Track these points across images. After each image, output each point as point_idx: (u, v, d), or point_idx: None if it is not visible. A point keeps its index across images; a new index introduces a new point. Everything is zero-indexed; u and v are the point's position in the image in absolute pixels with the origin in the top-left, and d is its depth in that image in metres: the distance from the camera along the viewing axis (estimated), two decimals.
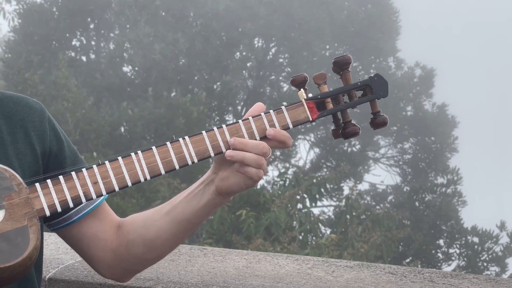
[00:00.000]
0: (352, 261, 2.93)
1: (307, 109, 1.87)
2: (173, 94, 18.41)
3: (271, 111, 1.86)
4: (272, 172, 19.88)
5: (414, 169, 22.36)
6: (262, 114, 1.84)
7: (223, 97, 18.20)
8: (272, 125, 1.85)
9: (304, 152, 22.37)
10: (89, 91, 17.33)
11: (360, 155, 21.96)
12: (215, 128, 1.81)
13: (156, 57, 17.73)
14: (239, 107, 20.96)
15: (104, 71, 19.07)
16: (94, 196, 1.75)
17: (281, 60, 19.24)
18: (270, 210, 13.32)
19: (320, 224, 14.61)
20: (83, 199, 1.75)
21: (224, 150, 1.81)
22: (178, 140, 1.80)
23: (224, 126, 1.82)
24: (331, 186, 15.52)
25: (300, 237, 13.75)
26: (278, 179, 15.66)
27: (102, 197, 1.98)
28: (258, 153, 1.80)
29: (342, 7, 22.14)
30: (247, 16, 19.80)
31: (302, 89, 1.87)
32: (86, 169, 1.76)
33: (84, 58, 20.88)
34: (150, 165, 1.78)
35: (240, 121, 1.83)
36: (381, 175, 22.66)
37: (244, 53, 20.56)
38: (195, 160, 1.79)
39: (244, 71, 21.14)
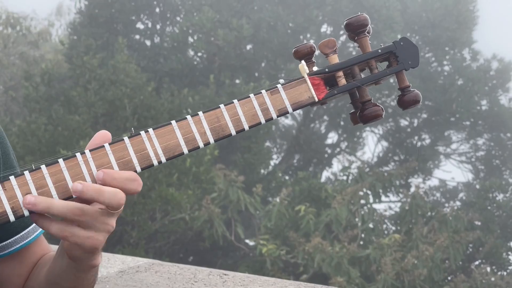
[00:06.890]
0: None
1: (311, 87, 1.42)
2: (237, 81, 18.07)
3: (263, 91, 1.39)
4: (337, 166, 19.34)
5: (487, 166, 21.72)
6: (252, 95, 1.38)
7: None
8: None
9: (372, 145, 21.87)
10: (151, 76, 17.08)
11: (430, 149, 21.35)
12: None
13: (219, 43, 17.41)
14: None
15: (167, 56, 18.79)
16: (25, 213, 1.30)
17: (350, 49, 18.59)
18: (331, 206, 12.81)
19: (384, 222, 14.04)
20: (11, 217, 1.29)
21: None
22: (139, 134, 1.39)
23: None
24: (398, 182, 14.97)
25: (362, 235, 13.22)
26: (341, 174, 15.10)
27: (39, 231, 1.58)
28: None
29: None
30: (314, 2, 19.31)
31: (303, 61, 1.41)
32: (16, 177, 1.31)
33: (148, 42, 20.68)
34: (102, 168, 1.36)
35: (221, 105, 1.39)
36: (451, 171, 22.09)
37: (311, 41, 20.01)
38: (161, 161, 1.40)
39: None
